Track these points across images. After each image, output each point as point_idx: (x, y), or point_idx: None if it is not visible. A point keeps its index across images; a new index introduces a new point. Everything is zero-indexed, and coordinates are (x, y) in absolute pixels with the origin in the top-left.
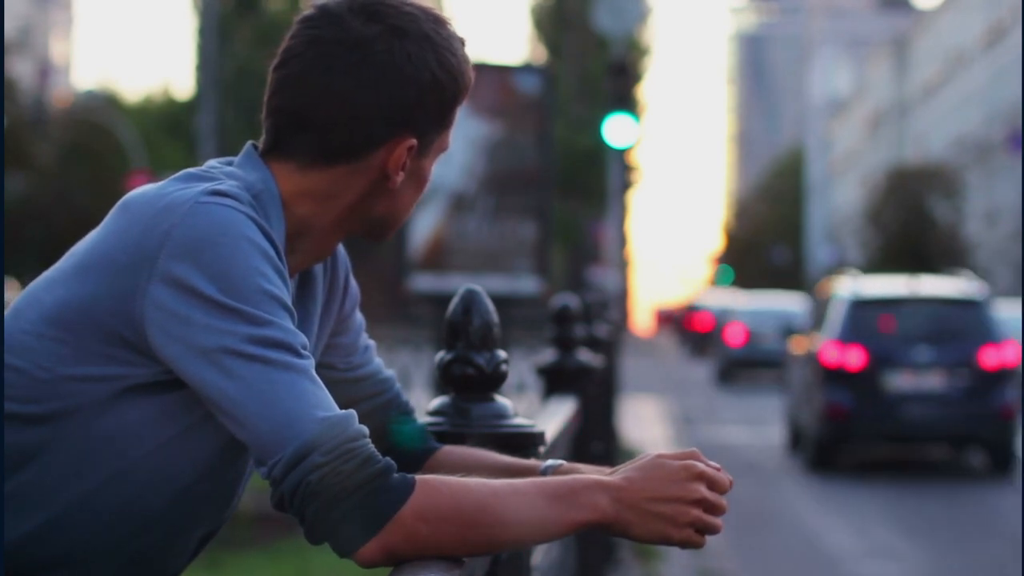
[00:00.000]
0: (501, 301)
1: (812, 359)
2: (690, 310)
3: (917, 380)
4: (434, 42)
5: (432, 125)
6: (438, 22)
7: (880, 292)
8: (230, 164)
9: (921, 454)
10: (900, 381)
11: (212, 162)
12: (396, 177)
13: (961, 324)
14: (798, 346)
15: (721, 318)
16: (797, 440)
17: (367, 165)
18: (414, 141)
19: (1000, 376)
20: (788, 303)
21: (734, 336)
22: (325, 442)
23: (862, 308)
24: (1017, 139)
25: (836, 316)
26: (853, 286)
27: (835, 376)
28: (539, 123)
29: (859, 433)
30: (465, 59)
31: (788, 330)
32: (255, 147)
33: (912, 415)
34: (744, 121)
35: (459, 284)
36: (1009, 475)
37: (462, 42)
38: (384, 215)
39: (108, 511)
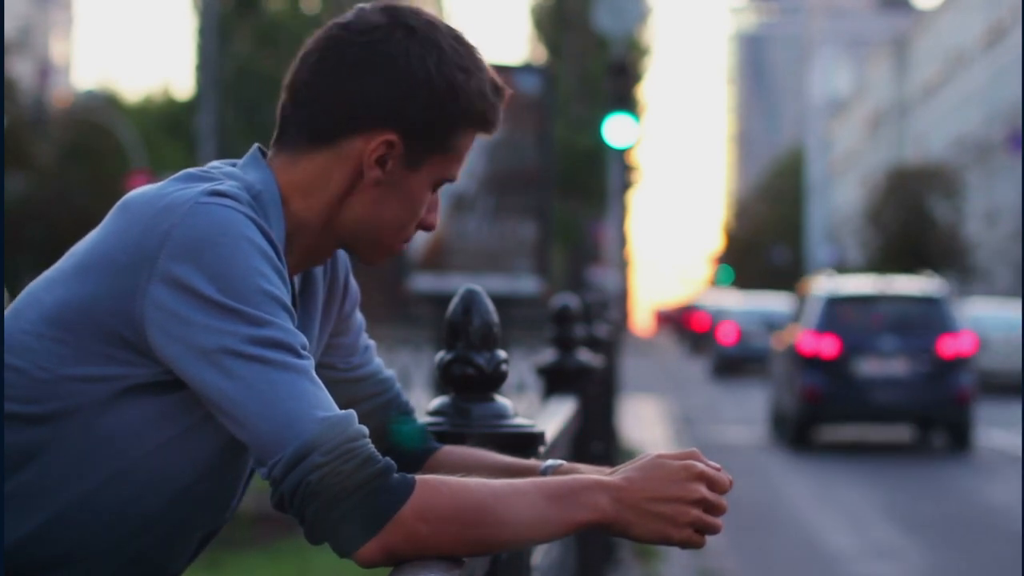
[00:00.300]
0: (501, 301)
1: (792, 348)
2: (688, 310)
3: (883, 366)
4: (443, 51)
5: (421, 132)
6: (460, 41)
7: (852, 290)
8: (233, 165)
9: (888, 434)
10: (868, 367)
11: (215, 163)
12: (371, 173)
13: (922, 317)
14: (780, 341)
15: (717, 318)
16: (779, 425)
17: (346, 153)
18: (394, 138)
19: (956, 363)
20: (778, 303)
21: (726, 335)
22: (325, 442)
23: (836, 303)
24: (1017, 139)
25: (813, 310)
26: (829, 284)
27: (812, 363)
28: (539, 123)
29: (832, 413)
30: (478, 89)
31: (776, 328)
32: (261, 150)
33: (879, 397)
34: (744, 121)
35: (459, 284)
36: (966, 453)
37: (495, 87)
38: (363, 222)
39: (108, 511)
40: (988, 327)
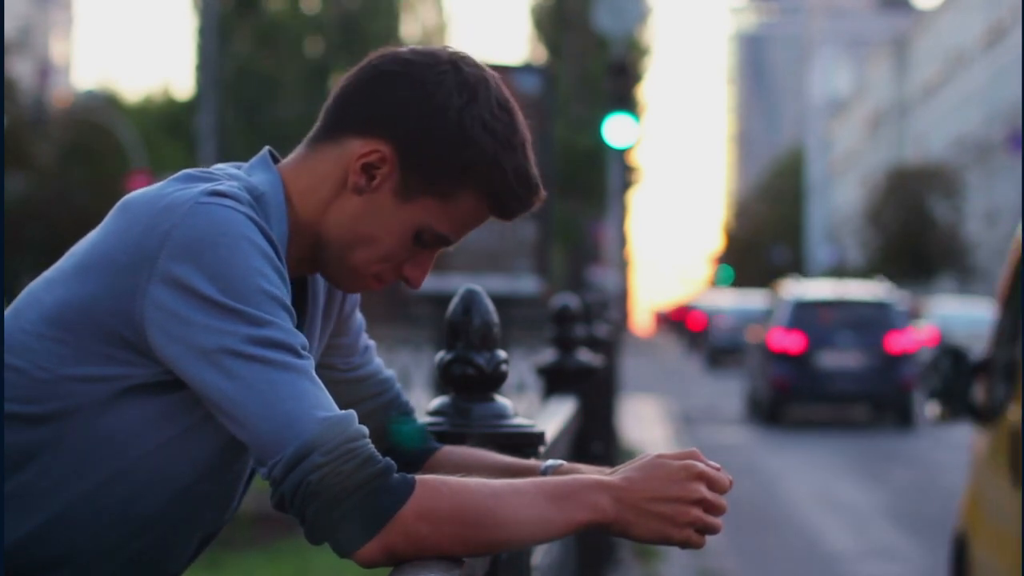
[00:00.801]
0: (501, 301)
1: (764, 343)
2: (686, 309)
3: (841, 359)
4: (477, 102)
5: (417, 162)
6: (506, 112)
7: (816, 293)
8: (238, 168)
9: (845, 414)
10: (828, 359)
11: (219, 165)
12: (354, 177)
13: (874, 318)
14: (754, 335)
15: (711, 315)
16: (752, 405)
17: (345, 153)
18: (388, 151)
19: (902, 357)
20: (767, 301)
21: (718, 330)
22: (325, 442)
23: (802, 305)
24: (1017, 139)
25: (783, 311)
26: (796, 289)
27: (780, 356)
28: (539, 123)
29: (798, 398)
30: (496, 158)
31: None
32: (272, 154)
33: (837, 385)
34: (744, 121)
35: (459, 284)
36: (909, 429)
37: (523, 175)
38: (337, 234)
39: (108, 511)
40: (952, 324)
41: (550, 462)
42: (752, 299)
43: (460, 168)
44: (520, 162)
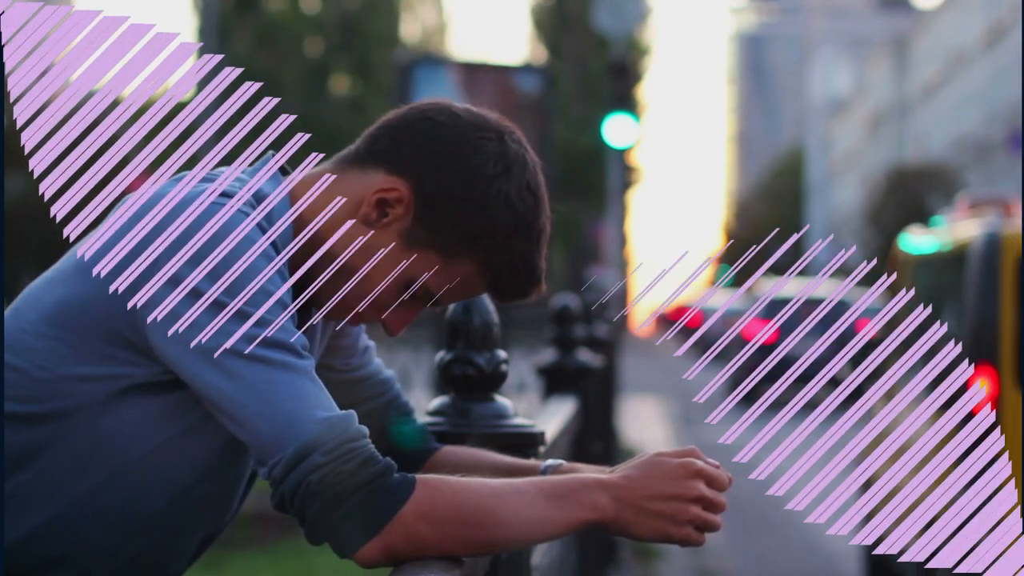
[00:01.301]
0: None
1: (740, 335)
2: (683, 309)
3: (808, 348)
4: (509, 178)
5: (430, 215)
6: (534, 196)
7: (787, 290)
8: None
9: (812, 398)
10: (797, 348)
11: (221, 167)
12: (366, 208)
13: (838, 312)
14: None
15: (707, 314)
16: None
17: (366, 182)
18: (406, 193)
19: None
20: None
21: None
22: (325, 442)
23: (775, 300)
24: (1017, 139)
25: (758, 304)
26: (770, 284)
27: (754, 345)
28: (539, 123)
29: (770, 383)
30: (507, 239)
31: None
32: (282, 167)
33: (805, 370)
34: (744, 121)
35: None
36: None
37: (529, 266)
38: (334, 256)
39: (108, 511)
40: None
41: (550, 462)
42: (743, 298)
43: (470, 234)
44: (530, 249)
